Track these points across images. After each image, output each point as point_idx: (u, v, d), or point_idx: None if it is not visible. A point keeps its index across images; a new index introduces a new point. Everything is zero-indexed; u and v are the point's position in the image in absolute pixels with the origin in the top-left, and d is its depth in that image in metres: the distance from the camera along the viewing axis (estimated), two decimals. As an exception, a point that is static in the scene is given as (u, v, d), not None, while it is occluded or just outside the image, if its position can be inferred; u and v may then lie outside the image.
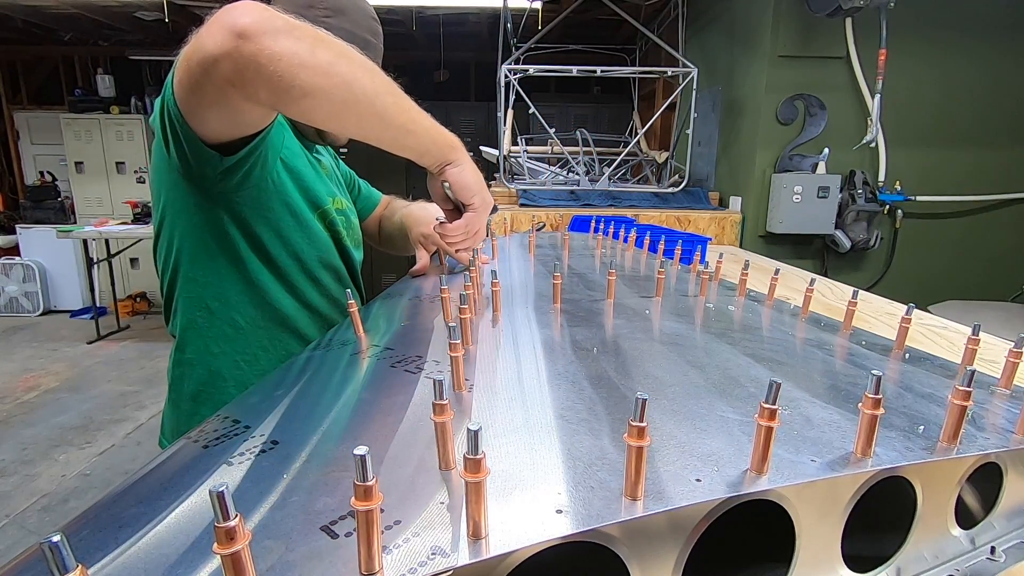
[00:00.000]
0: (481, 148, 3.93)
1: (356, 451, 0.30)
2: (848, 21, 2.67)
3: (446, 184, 1.00)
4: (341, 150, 1.34)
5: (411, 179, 5.70)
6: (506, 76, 3.02)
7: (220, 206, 0.95)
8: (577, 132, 3.48)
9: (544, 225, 2.60)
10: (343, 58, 0.73)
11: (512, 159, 3.48)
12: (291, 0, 1.03)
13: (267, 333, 1.05)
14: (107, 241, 5.16)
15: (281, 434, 0.51)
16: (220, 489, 0.27)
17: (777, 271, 1.05)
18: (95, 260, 5.26)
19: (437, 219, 1.12)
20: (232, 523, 0.27)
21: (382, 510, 0.34)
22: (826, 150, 2.78)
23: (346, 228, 1.18)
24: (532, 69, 3.13)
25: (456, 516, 0.37)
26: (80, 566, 0.26)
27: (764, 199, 2.90)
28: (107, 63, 6.19)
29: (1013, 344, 0.61)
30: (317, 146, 1.22)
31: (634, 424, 0.37)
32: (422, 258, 1.28)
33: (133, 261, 6.05)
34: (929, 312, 1.56)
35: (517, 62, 3.19)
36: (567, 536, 0.35)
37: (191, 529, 0.38)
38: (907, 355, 0.75)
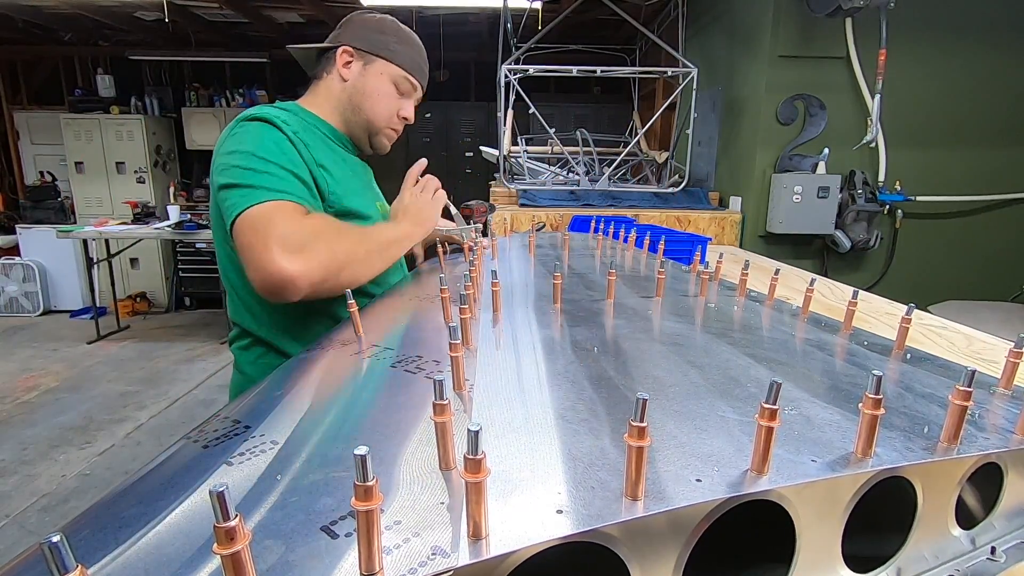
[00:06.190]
0: (481, 148, 3.93)
1: (356, 451, 0.30)
2: (848, 21, 2.67)
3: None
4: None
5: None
6: (506, 76, 3.02)
7: None
8: (577, 132, 3.48)
9: (544, 225, 2.60)
10: (348, 248, 1.00)
11: (512, 159, 3.48)
12: (364, 25, 1.16)
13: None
14: (107, 241, 5.16)
15: (281, 434, 0.51)
16: (220, 489, 0.27)
17: (777, 271, 1.04)
18: (95, 260, 5.25)
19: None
20: (232, 523, 0.27)
21: (382, 510, 0.34)
22: (826, 150, 2.78)
23: None
24: (532, 69, 3.13)
25: (456, 516, 0.37)
26: (80, 566, 0.26)
27: (764, 199, 2.90)
28: (107, 63, 6.18)
29: (1013, 344, 0.61)
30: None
31: (634, 424, 0.37)
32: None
33: (133, 261, 6.05)
34: (929, 312, 1.56)
35: (517, 62, 3.19)
36: (567, 536, 0.35)
37: (191, 529, 0.38)
38: (907, 355, 0.75)
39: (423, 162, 1.28)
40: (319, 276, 0.94)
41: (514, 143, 3.70)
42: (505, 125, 3.28)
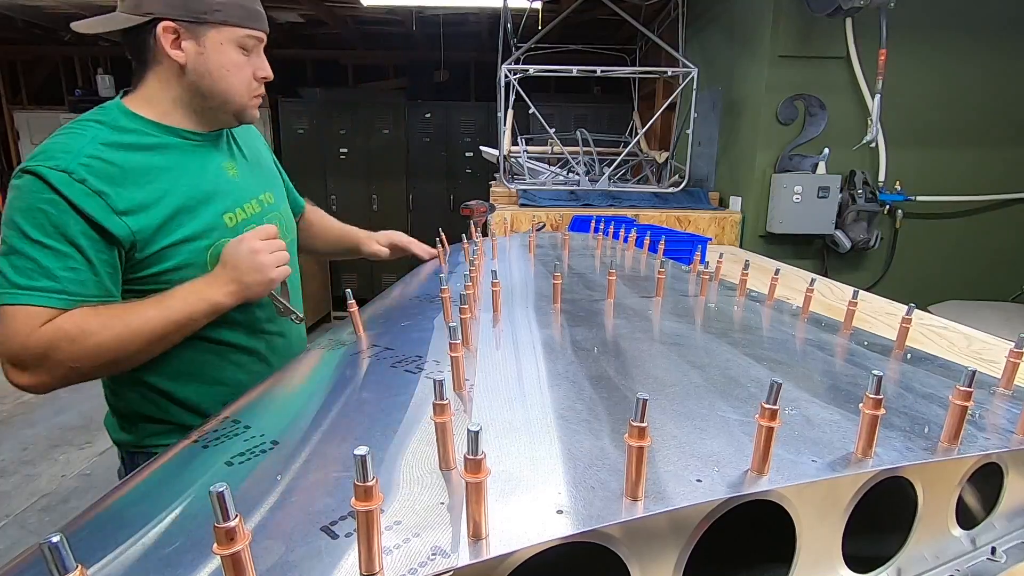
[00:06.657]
0: (481, 148, 3.93)
1: (356, 451, 0.30)
2: (848, 21, 2.67)
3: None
4: (341, 149, 1.35)
5: (410, 180, 5.71)
6: (506, 76, 3.02)
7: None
8: (577, 132, 3.47)
9: (544, 225, 2.60)
10: (98, 348, 0.89)
11: (512, 159, 3.48)
12: None
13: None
14: (107, 241, 5.15)
15: (281, 434, 0.51)
16: (220, 489, 0.27)
17: (777, 271, 1.04)
18: (95, 260, 5.24)
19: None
20: (232, 523, 0.27)
21: (382, 510, 0.34)
22: (826, 150, 2.77)
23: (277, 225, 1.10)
24: (532, 69, 3.13)
25: (456, 516, 0.37)
26: (80, 566, 0.26)
27: (764, 199, 2.90)
28: (107, 63, 6.18)
29: (1013, 344, 0.61)
30: (234, 141, 1.16)
31: (635, 424, 0.37)
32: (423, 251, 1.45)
33: (133, 261, 6.05)
34: (929, 312, 1.56)
35: (517, 62, 3.19)
36: (567, 536, 0.35)
37: (191, 529, 0.38)
38: (908, 355, 0.75)
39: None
40: (59, 384, 0.90)
41: (514, 143, 3.70)
42: (505, 125, 3.27)
